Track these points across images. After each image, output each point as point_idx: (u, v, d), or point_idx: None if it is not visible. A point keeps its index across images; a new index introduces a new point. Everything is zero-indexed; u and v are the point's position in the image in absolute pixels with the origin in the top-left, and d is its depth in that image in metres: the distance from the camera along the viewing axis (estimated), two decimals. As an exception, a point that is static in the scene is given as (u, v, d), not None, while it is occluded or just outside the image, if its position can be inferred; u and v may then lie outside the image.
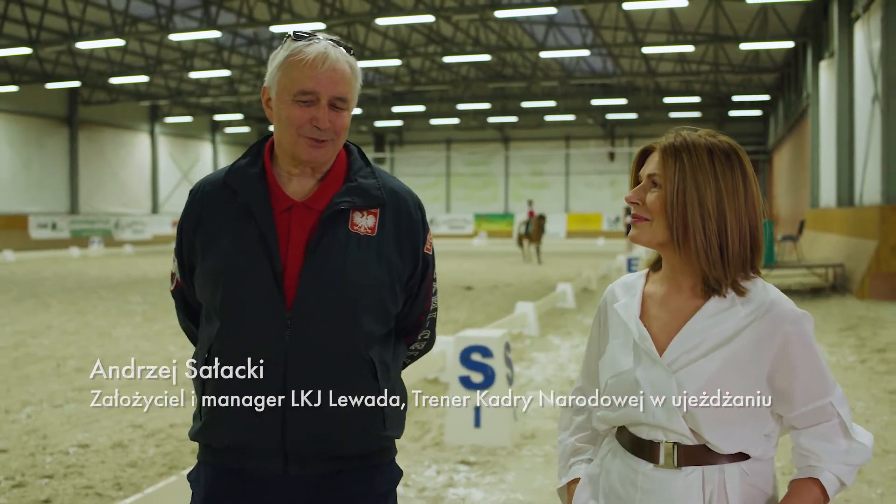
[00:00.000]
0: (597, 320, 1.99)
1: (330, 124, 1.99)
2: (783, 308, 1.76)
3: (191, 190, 2.16)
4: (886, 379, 8.02)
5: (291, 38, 2.05)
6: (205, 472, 2.07)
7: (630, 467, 1.82)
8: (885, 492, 4.83)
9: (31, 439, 6.12)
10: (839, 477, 1.77)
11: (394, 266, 2.05)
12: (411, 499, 4.76)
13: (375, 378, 2.01)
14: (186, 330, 2.24)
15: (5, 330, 11.90)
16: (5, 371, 8.79)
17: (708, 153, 1.80)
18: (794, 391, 1.77)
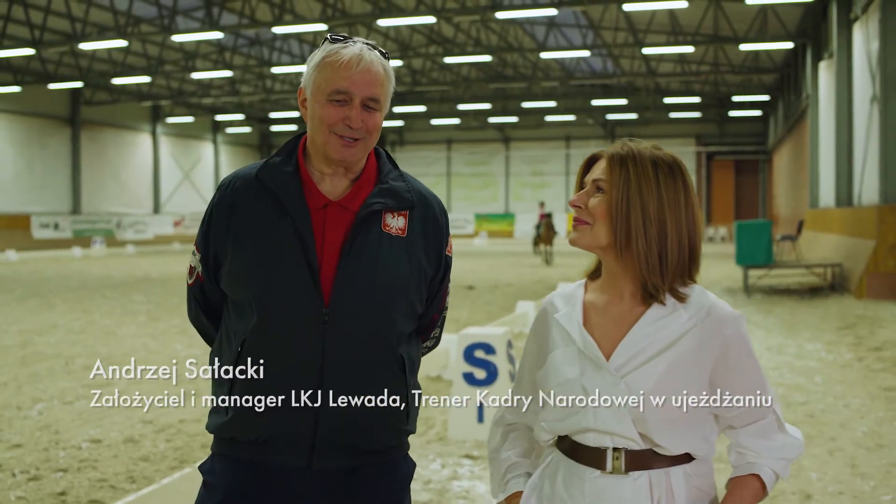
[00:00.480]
0: (534, 332, 2.01)
1: (362, 124, 2.03)
2: (722, 311, 1.83)
3: (221, 183, 2.17)
4: (882, 376, 8.15)
5: (328, 40, 2.09)
6: (222, 465, 2.08)
7: (576, 475, 1.84)
8: (877, 484, 4.96)
9: (43, 435, 6.25)
10: (776, 471, 1.85)
11: (422, 266, 2.11)
12: (417, 491, 4.89)
13: (404, 373, 2.07)
14: (199, 325, 2.24)
15: (12, 329, 12.03)
16: (15, 369, 8.92)
17: (652, 164, 1.85)
18: (733, 391, 1.83)
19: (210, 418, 2.12)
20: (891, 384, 7.77)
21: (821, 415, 6.68)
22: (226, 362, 2.06)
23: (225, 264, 2.09)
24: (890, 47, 15.54)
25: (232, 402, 2.04)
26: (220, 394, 2.08)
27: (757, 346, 9.96)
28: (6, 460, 5.61)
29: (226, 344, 2.09)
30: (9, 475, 5.29)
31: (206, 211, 2.16)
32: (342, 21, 26.96)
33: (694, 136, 48.89)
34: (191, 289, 2.20)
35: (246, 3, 28.44)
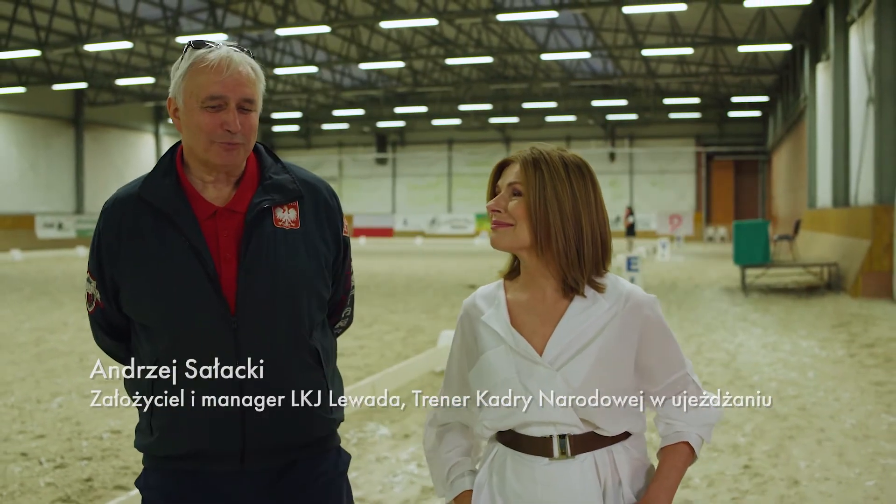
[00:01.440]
0: (460, 334, 2.06)
1: (240, 127, 2.00)
2: (639, 296, 1.95)
3: (103, 207, 2.12)
4: (873, 372, 8.41)
5: (192, 46, 2.05)
6: (157, 479, 2.08)
7: (525, 465, 1.91)
8: (862, 471, 5.22)
9: (65, 426, 6.52)
10: (701, 436, 1.98)
11: (321, 253, 2.10)
12: (425, 477, 5.13)
13: (320, 364, 2.09)
14: (109, 350, 2.20)
15: (24, 326, 12.29)
16: (31, 365, 9.18)
17: (563, 165, 1.95)
18: (656, 368, 1.96)
19: (137, 436, 2.13)
20: (881, 379, 8.03)
21: (811, 407, 6.94)
22: (142, 384, 2.03)
23: (122, 289, 2.06)
24: (884, 51, 15.79)
25: (155, 423, 2.03)
26: (143, 415, 2.08)
27: (753, 343, 10.25)
28: (31, 449, 5.87)
29: (138, 366, 2.07)
30: (36, 463, 5.56)
31: (94, 236, 2.11)
32: (345, 23, 27.21)
33: (694, 137, 49.11)
34: (92, 316, 2.16)
35: (249, 5, 28.69)
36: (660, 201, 49.38)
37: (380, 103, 45.58)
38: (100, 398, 2.25)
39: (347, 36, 32.84)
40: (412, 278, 19.95)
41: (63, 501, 4.83)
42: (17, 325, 12.36)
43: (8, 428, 6.47)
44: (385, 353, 9.69)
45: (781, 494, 4.82)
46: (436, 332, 11.23)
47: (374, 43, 34.38)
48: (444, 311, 13.68)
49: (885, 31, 15.78)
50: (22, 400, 7.43)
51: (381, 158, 54.09)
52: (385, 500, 4.74)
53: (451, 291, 17.18)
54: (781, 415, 6.70)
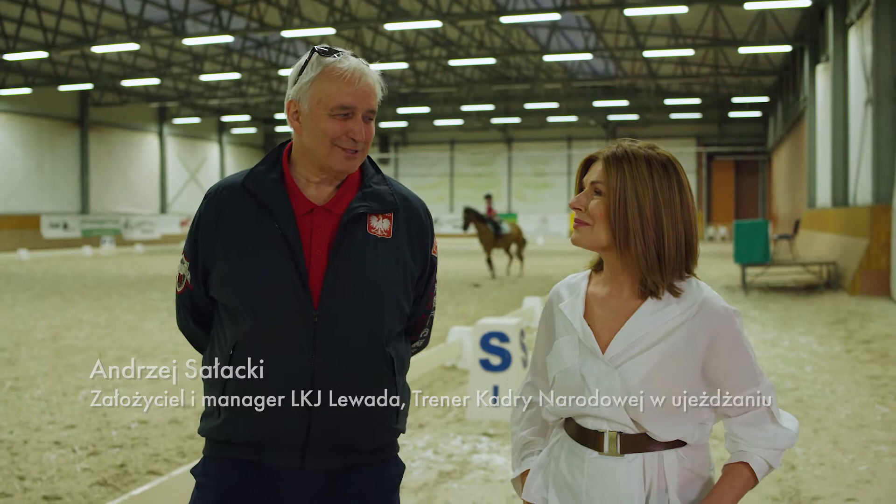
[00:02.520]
0: (544, 319, 2.10)
1: (364, 136, 2.09)
2: (713, 306, 1.91)
3: (207, 193, 2.19)
4: (869, 366, 8.69)
5: (319, 53, 2.10)
6: (216, 467, 2.12)
7: (577, 455, 1.94)
8: (855, 457, 5.51)
9: (93, 417, 6.80)
10: (767, 460, 1.93)
11: (408, 267, 2.15)
12: (441, 463, 5.44)
13: (393, 373, 2.13)
14: (189, 333, 2.26)
15: (40, 324, 12.56)
16: (52, 360, 9.45)
17: (647, 164, 1.93)
18: (724, 382, 1.92)
19: (202, 421, 2.18)
20: (876, 373, 8.31)
21: (808, 399, 7.22)
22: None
23: (214, 272, 2.13)
24: (882, 53, 16.07)
25: (224, 405, 2.08)
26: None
27: (752, 340, 10.49)
28: (64, 439, 6.15)
29: (217, 348, 2.14)
30: (70, 451, 5.84)
31: (194, 220, 2.19)
32: (349, 25, 27.48)
33: (694, 137, 49.39)
34: (180, 297, 2.22)
35: (254, 7, 28.97)
36: (661, 201, 49.58)
37: (382, 104, 45.64)
38: (100, 398, 2.39)
39: (351, 37, 33.11)
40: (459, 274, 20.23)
41: (100, 485, 5.12)
42: (33, 323, 12.63)
43: (38, 419, 6.75)
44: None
45: (779, 478, 5.10)
46: (443, 328, 11.51)
47: (378, 44, 34.65)
48: (450, 308, 13.96)
49: (882, 34, 16.05)
50: (48, 393, 7.71)
51: (383, 158, 54.38)
52: (405, 484, 5.03)
53: (456, 290, 17.46)
54: (779, 405, 6.97)
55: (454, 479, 5.13)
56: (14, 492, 4.99)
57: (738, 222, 17.43)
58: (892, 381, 7.86)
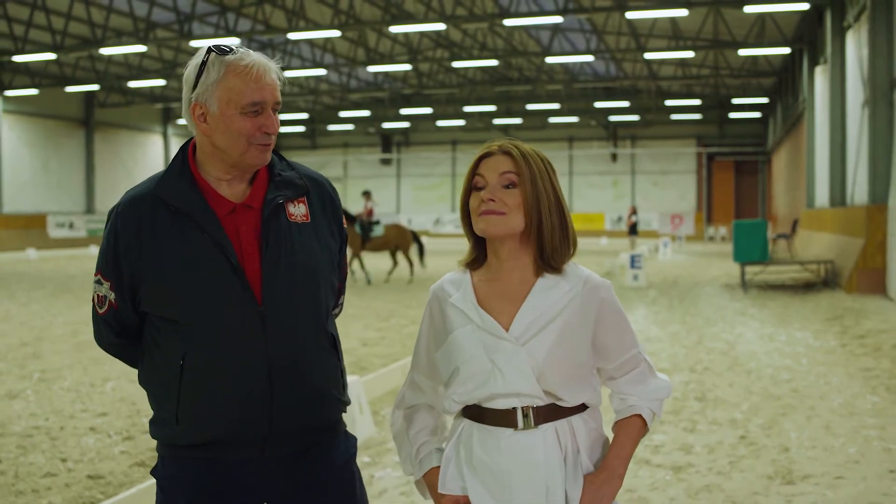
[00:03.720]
0: (428, 317, 2.16)
1: (276, 128, 2.11)
2: (595, 280, 2.11)
3: (116, 210, 2.14)
4: (862, 360, 9.03)
5: (216, 52, 2.09)
6: (177, 468, 2.14)
7: (491, 436, 2.01)
8: (846, 441, 5.85)
9: (123, 406, 7.15)
10: (653, 410, 2.12)
11: (330, 245, 2.23)
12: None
13: (336, 349, 2.23)
14: (113, 348, 2.24)
15: (58, 320, 12.91)
16: (74, 354, 9.79)
17: (540, 160, 2.10)
18: (611, 347, 2.10)
19: (155, 428, 2.17)
20: (869, 366, 8.65)
21: (803, 389, 7.57)
22: (167, 377, 2.09)
23: (144, 288, 2.10)
24: (878, 56, 16.40)
25: (183, 413, 2.08)
26: (167, 406, 2.12)
27: (751, 335, 10.87)
28: (98, 425, 6.50)
29: (160, 360, 2.12)
30: (105, 436, 6.19)
31: (108, 238, 2.14)
32: (354, 27, 27.82)
33: (695, 137, 49.73)
34: (103, 318, 2.18)
35: (259, 9, 29.31)
36: (661, 201, 49.97)
37: (385, 105, 46.19)
38: (115, 388, 2.47)
39: (355, 39, 33.46)
40: (421, 276, 20.55)
41: (139, 465, 5.46)
42: (50, 320, 12.98)
43: (71, 407, 7.10)
44: (406, 343, 10.33)
45: (773, 459, 5.45)
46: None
47: (381, 46, 34.97)
48: (457, 305, 14.29)
49: (878, 37, 16.38)
50: (76, 384, 8.06)
51: (385, 159, 54.72)
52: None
53: (460, 288, 17.78)
54: (775, 395, 7.34)
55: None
56: (59, 472, 5.34)
57: (738, 222, 17.79)
58: (883, 373, 8.21)
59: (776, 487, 4.88)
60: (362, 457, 5.50)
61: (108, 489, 5.00)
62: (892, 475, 5.11)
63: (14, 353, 9.89)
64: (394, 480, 5.10)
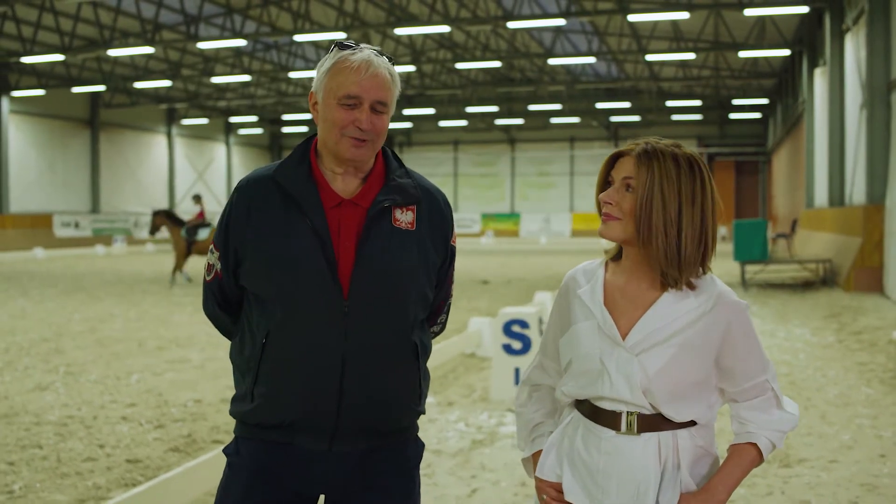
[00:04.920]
0: (557, 304, 2.16)
1: (371, 126, 2.13)
2: (727, 300, 2.01)
3: (238, 185, 2.25)
4: (858, 354, 9.36)
5: (338, 46, 2.18)
6: (248, 448, 2.21)
7: (594, 434, 2.02)
8: (840, 429, 6.19)
9: (150, 397, 7.47)
10: (772, 441, 2.04)
11: (430, 257, 2.23)
12: (473, 433, 6.13)
13: (417, 359, 2.23)
14: (216, 319, 2.36)
15: (74, 317, 13.22)
16: (96, 350, 10.11)
17: (674, 162, 2.00)
18: (736, 370, 2.02)
19: (234, 405, 2.25)
20: (864, 360, 8.98)
21: (800, 382, 7.91)
22: (251, 353, 2.19)
23: (245, 262, 2.20)
24: (875, 59, 16.71)
25: (258, 390, 2.16)
26: (246, 381, 2.20)
27: (750, 331, 11.18)
28: (129, 415, 6.83)
29: (248, 336, 2.21)
30: (137, 424, 6.51)
31: (224, 211, 2.26)
32: (358, 30, 28.12)
33: (695, 138, 50.05)
34: (209, 285, 2.30)
35: (264, 11, 29.63)
36: (662, 201, 50.18)
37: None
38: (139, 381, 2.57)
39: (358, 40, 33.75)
40: None
41: (173, 451, 5.79)
42: (67, 317, 13.28)
43: (100, 399, 7.43)
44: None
45: (771, 445, 5.78)
46: (459, 320, 12.19)
47: (385, 47, 35.28)
48: (463, 303, 14.61)
49: (875, 40, 16.69)
50: (102, 377, 8.38)
51: (388, 159, 54.98)
52: (443, 449, 5.71)
53: (466, 286, 18.15)
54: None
55: (486, 445, 5.82)
56: (98, 456, 5.66)
57: (738, 221, 18.12)
58: (878, 367, 8.54)
59: (774, 470, 5.21)
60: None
61: (147, 472, 5.32)
62: (882, 459, 5.44)
63: (37, 348, 10.20)
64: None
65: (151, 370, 8.76)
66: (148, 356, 9.62)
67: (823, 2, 21.90)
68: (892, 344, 9.72)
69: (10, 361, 9.24)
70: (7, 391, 7.70)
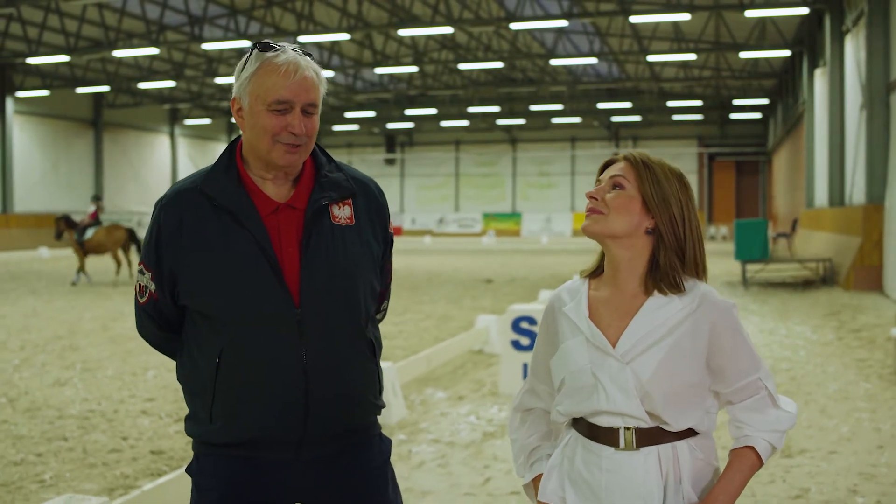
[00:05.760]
0: (545, 324, 2.13)
1: (303, 130, 2.06)
2: (711, 299, 1.98)
3: (160, 202, 2.15)
4: (857, 351, 9.56)
5: (258, 49, 2.09)
6: (211, 465, 2.14)
7: (592, 452, 1.98)
8: (839, 422, 6.39)
9: (167, 392, 7.67)
10: (770, 442, 1.98)
11: (373, 248, 2.20)
12: (483, 426, 6.33)
13: (374, 353, 2.21)
14: (155, 340, 2.26)
15: (85, 315, 13.40)
16: (108, 347, 10.30)
17: (666, 170, 2.03)
18: (726, 370, 1.98)
19: (190, 424, 2.17)
20: (863, 357, 9.18)
21: (801, 378, 8.11)
22: (205, 374, 2.09)
23: (183, 280, 2.11)
24: (874, 60, 16.90)
25: (218, 411, 2.08)
26: (202, 403, 2.11)
27: (751, 329, 11.39)
28: (149, 408, 7.03)
29: (198, 355, 2.12)
30: (157, 418, 6.71)
31: (152, 230, 2.16)
32: (361, 31, 28.32)
33: (696, 138, 50.26)
34: (142, 307, 2.20)
35: (268, 12, 29.82)
36: (663, 201, 50.37)
37: (390, 105, 46.67)
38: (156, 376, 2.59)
39: (361, 41, 33.96)
40: (431, 273, 21.10)
41: (195, 442, 5.99)
42: (77, 315, 13.47)
43: (119, 393, 7.62)
44: (423, 336, 10.86)
45: (773, 437, 5.98)
46: (464, 318, 12.41)
47: (388, 47, 35.47)
48: (468, 301, 14.82)
49: (875, 42, 16.88)
50: (119, 373, 8.58)
51: (389, 159, 55.26)
52: (456, 441, 5.92)
53: (469, 285, 18.34)
54: (775, 383, 7.85)
55: (497, 437, 6.02)
56: (123, 448, 5.86)
57: (739, 221, 18.33)
58: (876, 363, 8.74)
59: (775, 460, 5.41)
60: (398, 435, 6.03)
61: (171, 462, 5.53)
62: (880, 450, 5.64)
63: (52, 345, 10.40)
64: (430, 454, 5.63)
65: (167, 366, 8.94)
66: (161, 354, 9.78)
67: (823, 3, 22.09)
68: (891, 341, 9.92)
69: (26, 358, 9.44)
70: (27, 386, 7.90)
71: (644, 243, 1.99)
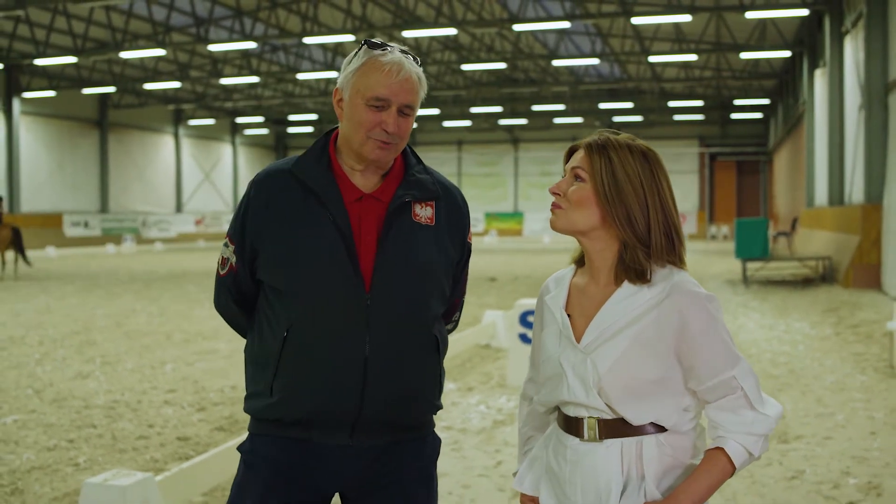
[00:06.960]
0: (537, 312, 2.13)
1: (397, 129, 2.10)
2: (683, 289, 1.87)
3: (255, 179, 2.22)
4: (854, 346, 9.83)
5: (367, 45, 2.15)
6: (264, 444, 2.17)
7: (561, 443, 1.97)
8: (835, 411, 6.66)
9: (187, 384, 7.94)
10: (745, 447, 1.83)
11: (448, 253, 2.22)
12: (493, 414, 6.60)
13: (437, 352, 2.21)
14: (228, 313, 2.31)
15: (98, 313, 13.66)
16: (125, 342, 10.57)
17: (629, 151, 1.92)
18: (698, 367, 1.86)
19: (249, 402, 2.21)
20: (860, 351, 9.45)
21: (799, 371, 8.38)
22: (271, 347, 2.14)
23: (263, 255, 2.16)
24: (873, 61, 17.14)
25: (278, 385, 2.12)
26: (264, 376, 2.15)
27: (751, 325, 11.65)
28: (171, 399, 7.30)
29: (267, 330, 2.17)
30: (180, 408, 6.99)
31: (241, 204, 2.22)
32: (365, 32, 28.56)
33: (697, 138, 50.51)
34: (222, 279, 2.26)
35: (272, 14, 30.08)
36: (664, 200, 50.61)
37: (392, 105, 46.79)
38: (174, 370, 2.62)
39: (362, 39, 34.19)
40: None
41: (219, 430, 6.27)
42: (90, 312, 13.74)
43: (140, 385, 7.90)
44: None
45: (771, 425, 6.25)
46: (470, 315, 12.67)
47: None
48: (473, 298, 15.08)
49: (873, 43, 17.12)
50: (138, 366, 8.86)
51: (392, 159, 55.44)
52: (468, 428, 6.19)
53: (474, 283, 18.60)
54: (773, 375, 8.14)
55: (507, 425, 6.30)
56: (150, 435, 6.14)
57: (740, 220, 18.60)
58: (873, 357, 9.01)
59: (772, 446, 5.68)
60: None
61: (197, 448, 5.80)
62: (873, 436, 5.92)
63: (69, 340, 10.68)
64: (444, 440, 5.83)
65: (183, 360, 9.22)
66: (177, 348, 10.09)
67: (823, 4, 22.35)
68: (888, 335, 10.19)
69: (46, 353, 9.72)
70: (51, 379, 8.18)
71: (611, 234, 1.93)
